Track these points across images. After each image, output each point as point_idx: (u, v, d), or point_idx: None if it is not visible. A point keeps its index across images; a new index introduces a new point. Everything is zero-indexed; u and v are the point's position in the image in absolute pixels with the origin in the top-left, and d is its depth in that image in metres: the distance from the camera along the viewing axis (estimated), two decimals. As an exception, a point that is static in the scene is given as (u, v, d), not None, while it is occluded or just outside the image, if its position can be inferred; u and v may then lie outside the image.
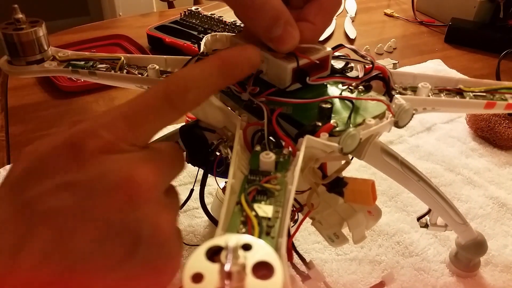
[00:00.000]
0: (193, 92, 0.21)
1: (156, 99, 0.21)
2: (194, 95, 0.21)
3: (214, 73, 0.22)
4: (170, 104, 0.21)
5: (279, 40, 0.25)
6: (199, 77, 0.21)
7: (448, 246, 0.41)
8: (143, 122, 0.20)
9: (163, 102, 0.21)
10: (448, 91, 0.32)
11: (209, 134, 0.30)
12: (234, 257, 0.14)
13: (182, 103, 0.21)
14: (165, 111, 0.21)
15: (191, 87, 0.21)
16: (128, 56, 0.34)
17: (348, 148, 0.25)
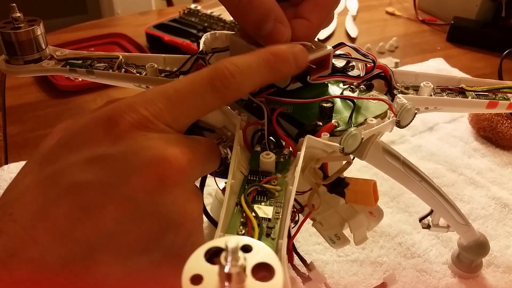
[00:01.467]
0: (237, 80, 0.20)
1: (200, 82, 0.20)
2: (238, 83, 0.21)
3: (262, 65, 0.22)
4: (213, 88, 0.20)
5: (269, 38, 0.25)
6: (246, 65, 0.21)
7: (450, 247, 0.41)
8: (183, 103, 0.20)
9: (206, 86, 0.20)
10: (450, 91, 0.32)
11: (209, 134, 0.29)
12: (233, 259, 0.14)
13: (226, 89, 0.20)
14: (207, 95, 0.20)
15: (236, 75, 0.20)
16: (126, 55, 0.34)
17: (349, 148, 0.24)
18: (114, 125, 0.18)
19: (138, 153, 0.17)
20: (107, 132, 0.18)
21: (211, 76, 0.20)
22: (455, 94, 0.32)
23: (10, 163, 0.49)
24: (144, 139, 0.18)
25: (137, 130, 0.18)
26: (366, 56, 0.30)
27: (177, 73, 0.32)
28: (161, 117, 0.19)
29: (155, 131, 0.19)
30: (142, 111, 0.18)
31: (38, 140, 0.54)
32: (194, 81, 0.20)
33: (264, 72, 0.22)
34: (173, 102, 0.19)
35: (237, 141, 0.24)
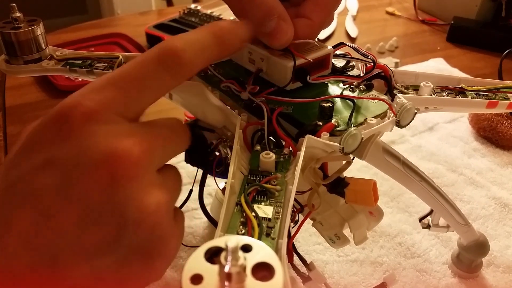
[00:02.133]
0: (188, 55, 0.20)
1: (149, 62, 0.19)
2: (189, 58, 0.20)
3: (209, 37, 0.21)
4: (165, 66, 0.19)
5: (272, 35, 0.25)
6: (194, 39, 0.20)
7: (450, 247, 0.41)
8: (133, 88, 0.19)
9: (157, 65, 0.19)
10: (450, 90, 0.32)
11: (209, 133, 0.29)
12: (233, 258, 0.14)
13: (178, 65, 0.20)
14: (159, 75, 0.19)
15: (187, 49, 0.20)
16: (126, 55, 0.34)
17: (349, 148, 0.24)
18: (62, 123, 0.17)
19: (87, 151, 0.17)
20: (57, 131, 0.17)
21: (161, 54, 0.19)
22: (455, 94, 0.32)
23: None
24: (92, 135, 0.17)
25: (85, 125, 0.17)
26: (366, 56, 0.30)
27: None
28: (110, 107, 0.18)
29: (104, 122, 0.18)
30: (88, 103, 0.18)
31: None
32: (143, 62, 0.19)
33: (213, 44, 0.21)
34: (122, 88, 0.19)
35: (237, 141, 0.24)
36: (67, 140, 0.17)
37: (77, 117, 0.17)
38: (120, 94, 0.19)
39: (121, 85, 0.19)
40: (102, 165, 0.17)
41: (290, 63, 0.27)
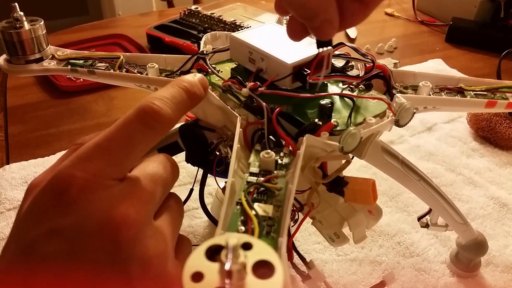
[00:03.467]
0: (166, 111, 0.22)
1: (130, 124, 0.21)
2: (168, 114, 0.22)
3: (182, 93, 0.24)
4: (145, 125, 0.21)
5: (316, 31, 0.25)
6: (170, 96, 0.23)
7: (448, 246, 0.41)
8: (120, 150, 0.20)
9: (138, 126, 0.21)
10: (449, 90, 0.32)
11: (209, 133, 0.30)
12: (234, 256, 0.14)
13: (158, 122, 0.21)
14: (140, 135, 0.21)
15: (163, 107, 0.22)
16: (127, 55, 0.34)
17: (348, 147, 0.24)
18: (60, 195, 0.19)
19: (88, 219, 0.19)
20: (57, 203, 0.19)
21: (141, 115, 0.21)
22: (454, 94, 0.32)
23: (12, 163, 0.50)
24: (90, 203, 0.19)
25: (81, 195, 0.19)
26: (365, 56, 0.30)
27: (178, 72, 0.33)
28: (103, 174, 0.20)
29: (98, 189, 0.19)
30: (81, 175, 0.19)
31: (40, 140, 0.54)
32: (124, 124, 0.21)
33: (185, 98, 0.24)
34: (110, 153, 0.20)
35: (237, 140, 0.24)
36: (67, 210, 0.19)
37: (72, 189, 0.19)
38: (109, 159, 0.20)
39: (109, 151, 0.20)
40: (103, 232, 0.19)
41: (290, 62, 0.27)
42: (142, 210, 0.20)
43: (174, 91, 0.23)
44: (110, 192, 0.20)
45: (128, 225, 0.19)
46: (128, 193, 0.20)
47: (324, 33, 0.24)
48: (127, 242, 0.19)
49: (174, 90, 0.23)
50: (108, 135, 0.21)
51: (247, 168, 0.23)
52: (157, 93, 0.23)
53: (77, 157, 0.20)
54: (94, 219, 0.19)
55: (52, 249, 0.18)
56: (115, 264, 0.19)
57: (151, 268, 0.20)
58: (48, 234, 0.19)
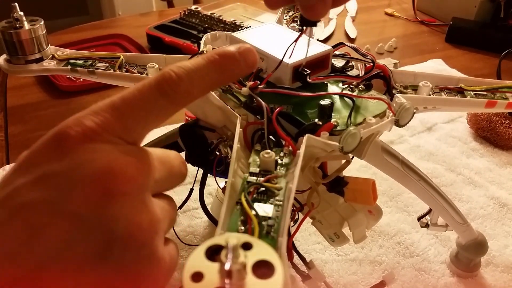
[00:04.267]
0: (185, 82, 0.20)
1: (148, 88, 0.20)
2: (186, 85, 0.20)
3: (209, 66, 0.21)
4: (162, 92, 0.20)
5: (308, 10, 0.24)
6: (193, 68, 0.21)
7: (448, 246, 0.41)
8: (132, 112, 0.19)
9: (154, 91, 0.20)
10: (449, 90, 0.32)
11: (209, 133, 0.30)
12: (234, 256, 0.14)
13: (174, 92, 0.20)
14: (157, 101, 0.20)
15: (184, 77, 0.20)
16: (128, 55, 0.34)
17: (348, 147, 0.24)
18: (60, 141, 0.18)
19: (81, 166, 0.17)
20: (54, 149, 0.18)
21: (158, 81, 0.20)
22: (454, 94, 0.32)
23: (12, 163, 0.50)
24: (90, 152, 0.18)
25: (83, 143, 0.18)
26: (365, 56, 0.30)
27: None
28: (109, 128, 0.19)
29: (103, 142, 0.18)
30: (88, 123, 0.18)
31: (39, 140, 0.54)
32: (142, 88, 0.20)
33: (213, 73, 0.22)
34: (121, 111, 0.19)
35: (237, 140, 0.24)
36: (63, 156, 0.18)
37: (75, 135, 0.18)
38: (119, 118, 0.19)
39: (121, 109, 0.19)
40: (96, 180, 0.17)
41: (290, 62, 0.27)
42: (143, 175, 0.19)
43: (201, 63, 0.21)
44: (114, 147, 0.18)
45: (125, 179, 0.18)
46: (133, 154, 0.19)
47: (316, 13, 0.23)
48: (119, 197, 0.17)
49: (201, 62, 0.21)
50: (125, 95, 0.19)
51: (247, 168, 0.23)
52: (184, 62, 0.21)
53: (89, 109, 0.19)
54: (90, 167, 0.17)
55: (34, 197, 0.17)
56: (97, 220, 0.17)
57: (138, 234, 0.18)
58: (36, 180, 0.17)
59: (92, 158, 0.18)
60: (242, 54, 0.23)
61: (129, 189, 0.18)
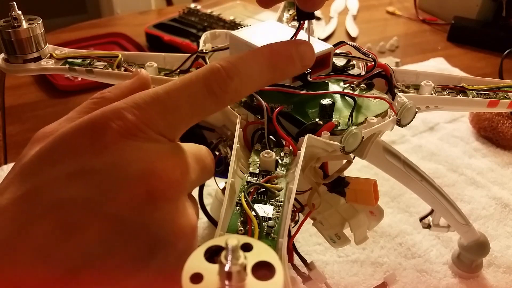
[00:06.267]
0: (235, 82, 0.19)
1: (195, 84, 0.18)
2: (236, 85, 0.19)
3: (263, 65, 0.20)
4: (210, 91, 0.18)
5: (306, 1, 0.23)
6: (245, 66, 0.19)
7: (450, 247, 0.41)
8: (177, 108, 0.18)
9: (202, 89, 0.18)
10: (451, 89, 0.32)
11: (208, 133, 0.29)
12: (234, 257, 0.14)
13: (223, 92, 0.19)
14: (203, 98, 0.18)
15: (234, 76, 0.19)
16: (126, 54, 0.34)
17: (350, 147, 0.24)
18: (99, 134, 0.16)
19: (125, 166, 0.16)
20: (91, 142, 0.16)
21: (207, 78, 0.18)
22: (456, 93, 0.32)
23: (10, 163, 0.49)
24: (132, 150, 0.16)
25: (125, 140, 0.16)
26: (367, 54, 0.30)
27: (177, 71, 0.32)
28: (152, 124, 0.17)
29: (145, 140, 0.17)
30: (131, 118, 0.17)
31: (38, 139, 0.54)
32: (189, 83, 0.18)
33: (266, 72, 0.20)
34: (166, 107, 0.18)
35: (237, 140, 0.23)
36: (103, 152, 0.16)
37: (116, 129, 0.16)
38: (162, 113, 0.18)
39: (166, 104, 0.18)
40: (140, 183, 0.16)
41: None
42: (186, 177, 0.18)
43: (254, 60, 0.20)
44: (158, 146, 0.17)
45: (170, 182, 0.17)
46: (177, 155, 0.18)
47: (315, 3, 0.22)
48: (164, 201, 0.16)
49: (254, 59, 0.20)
50: (170, 89, 0.18)
51: (247, 168, 0.23)
52: (235, 58, 0.19)
53: (132, 100, 0.17)
54: (133, 167, 0.16)
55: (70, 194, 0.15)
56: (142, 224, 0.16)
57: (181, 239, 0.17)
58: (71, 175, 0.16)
59: (136, 158, 0.16)
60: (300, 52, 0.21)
61: (172, 193, 0.17)
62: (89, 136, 0.16)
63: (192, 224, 0.18)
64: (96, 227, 0.15)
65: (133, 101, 0.17)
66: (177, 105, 0.18)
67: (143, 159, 0.16)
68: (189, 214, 0.18)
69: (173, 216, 0.17)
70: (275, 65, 0.20)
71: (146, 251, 0.16)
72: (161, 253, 0.17)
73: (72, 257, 0.15)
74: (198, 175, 0.20)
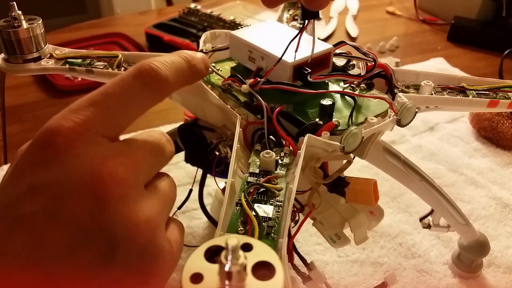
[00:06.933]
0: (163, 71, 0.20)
1: (127, 80, 0.20)
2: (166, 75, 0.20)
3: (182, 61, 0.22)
4: (142, 83, 0.20)
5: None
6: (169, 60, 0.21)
7: (450, 247, 0.41)
8: (113, 106, 0.19)
9: (135, 82, 0.20)
10: (451, 89, 0.32)
11: (208, 133, 0.29)
12: (234, 257, 0.14)
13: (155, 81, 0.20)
14: (137, 92, 0.20)
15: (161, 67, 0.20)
16: (126, 54, 0.34)
17: (350, 147, 0.24)
18: (45, 148, 0.18)
19: (71, 174, 0.17)
20: (40, 156, 0.18)
21: (138, 72, 0.20)
22: (456, 93, 0.32)
23: (10, 163, 0.49)
24: (74, 157, 0.18)
25: (67, 148, 0.18)
26: (367, 54, 0.30)
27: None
28: (90, 126, 0.18)
29: (86, 143, 0.18)
30: (68, 125, 0.18)
31: (38, 139, 0.54)
32: (121, 81, 0.20)
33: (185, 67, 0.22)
34: (102, 106, 0.19)
35: (237, 140, 0.24)
36: (51, 164, 0.17)
37: (58, 140, 0.18)
38: (99, 113, 0.19)
39: (101, 104, 0.19)
40: (87, 188, 0.17)
41: (291, 61, 0.27)
42: (132, 172, 0.19)
43: (174, 58, 0.22)
44: (98, 148, 0.18)
45: (115, 183, 0.18)
46: (118, 152, 0.19)
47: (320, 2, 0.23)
48: (112, 201, 0.17)
49: (174, 57, 0.22)
50: (103, 90, 0.19)
51: (247, 168, 0.23)
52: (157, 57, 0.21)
53: (68, 109, 0.19)
54: (78, 174, 0.17)
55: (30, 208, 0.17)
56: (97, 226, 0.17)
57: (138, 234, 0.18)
58: (29, 191, 0.17)
59: (78, 164, 0.18)
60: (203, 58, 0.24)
61: (120, 191, 0.18)
62: (38, 151, 0.18)
63: (148, 217, 0.18)
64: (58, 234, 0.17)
65: (69, 109, 0.19)
66: (112, 103, 0.19)
67: (85, 165, 0.18)
68: (143, 207, 0.19)
69: (125, 212, 0.18)
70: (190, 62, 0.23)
71: (107, 249, 0.17)
72: (122, 249, 0.17)
73: (43, 262, 0.17)
74: (152, 162, 0.21)
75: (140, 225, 0.18)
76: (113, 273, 0.17)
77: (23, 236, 0.17)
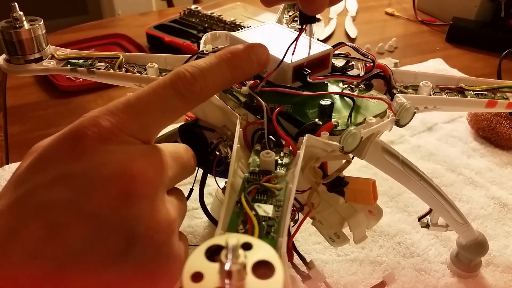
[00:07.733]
0: (199, 81, 0.21)
1: (163, 87, 0.20)
2: (201, 84, 0.21)
3: (223, 65, 0.22)
4: (177, 92, 0.20)
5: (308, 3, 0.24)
6: (207, 67, 0.21)
7: (449, 246, 0.41)
8: (147, 111, 0.20)
9: (169, 91, 0.20)
10: (449, 90, 0.32)
11: (209, 133, 0.30)
12: (234, 256, 0.14)
13: (189, 92, 0.20)
14: (171, 100, 0.20)
15: (198, 76, 0.21)
16: (127, 55, 0.34)
17: (349, 147, 0.24)
18: (77, 141, 0.18)
19: (101, 168, 0.18)
20: (71, 149, 0.18)
21: (173, 80, 0.20)
22: (454, 94, 0.32)
23: (11, 163, 0.50)
24: (108, 153, 0.18)
25: (100, 144, 0.18)
26: (366, 55, 0.30)
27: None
28: (125, 128, 0.19)
29: (119, 143, 0.18)
30: (104, 123, 0.18)
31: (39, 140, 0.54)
32: (157, 87, 0.20)
33: (226, 72, 0.22)
34: (137, 110, 0.19)
35: (237, 140, 0.24)
36: (81, 157, 0.18)
37: (92, 136, 0.18)
38: (135, 117, 0.19)
39: (137, 108, 0.19)
40: (115, 182, 0.18)
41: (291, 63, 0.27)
42: (159, 175, 0.19)
43: (214, 61, 0.22)
44: (131, 147, 0.19)
45: (144, 180, 0.18)
46: (149, 154, 0.19)
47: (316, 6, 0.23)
48: (138, 198, 0.18)
49: (214, 60, 0.22)
50: (140, 95, 0.20)
51: (247, 168, 0.23)
52: (197, 61, 0.22)
53: (106, 108, 0.19)
54: (108, 168, 0.18)
55: (53, 196, 0.17)
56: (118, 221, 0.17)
57: (157, 234, 0.18)
58: (54, 180, 0.17)
59: (110, 159, 0.18)
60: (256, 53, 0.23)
61: (147, 190, 0.18)
62: (69, 144, 0.18)
63: (168, 219, 0.19)
64: (77, 225, 0.17)
65: (107, 108, 0.19)
66: (147, 109, 0.20)
67: (117, 160, 0.18)
68: (165, 209, 0.19)
69: (148, 211, 0.18)
70: (234, 65, 0.22)
71: (124, 245, 0.17)
72: (139, 246, 0.18)
73: (58, 254, 0.17)
74: (177, 171, 0.21)
75: (161, 225, 0.18)
76: (125, 270, 0.18)
77: (39, 224, 0.17)
